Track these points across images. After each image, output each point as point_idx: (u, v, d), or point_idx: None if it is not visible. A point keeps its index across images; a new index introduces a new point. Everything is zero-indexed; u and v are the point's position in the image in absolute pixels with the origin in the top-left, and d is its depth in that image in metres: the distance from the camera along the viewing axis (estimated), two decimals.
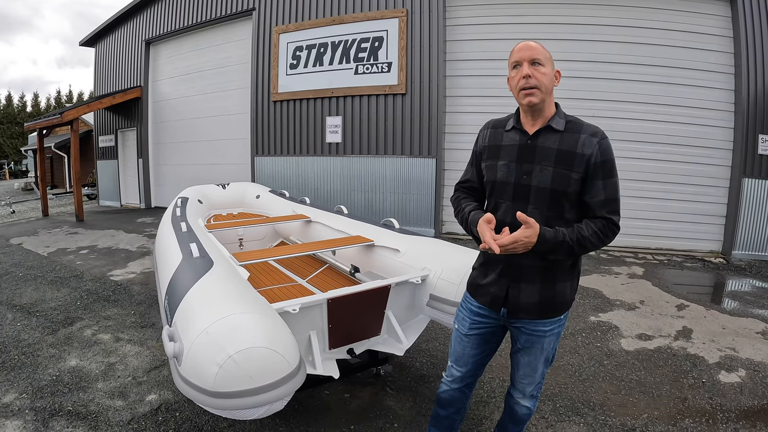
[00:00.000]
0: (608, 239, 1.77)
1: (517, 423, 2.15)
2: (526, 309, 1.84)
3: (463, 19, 7.93)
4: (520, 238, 1.64)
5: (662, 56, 7.17)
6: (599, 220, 1.75)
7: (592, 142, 1.73)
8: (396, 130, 8.34)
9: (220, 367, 1.69)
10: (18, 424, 2.71)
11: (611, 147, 1.77)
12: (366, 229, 3.83)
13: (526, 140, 1.81)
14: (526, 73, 1.72)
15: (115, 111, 13.11)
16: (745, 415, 2.86)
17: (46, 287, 5.35)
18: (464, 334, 2.04)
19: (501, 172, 1.84)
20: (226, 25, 10.76)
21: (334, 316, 2.56)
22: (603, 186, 1.75)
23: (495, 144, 1.90)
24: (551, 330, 1.90)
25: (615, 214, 1.76)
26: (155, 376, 3.29)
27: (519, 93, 1.76)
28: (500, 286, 1.87)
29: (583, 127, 1.78)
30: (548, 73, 1.74)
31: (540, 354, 1.94)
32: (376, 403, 2.95)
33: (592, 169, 1.73)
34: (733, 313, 4.63)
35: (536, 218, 1.70)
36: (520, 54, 1.74)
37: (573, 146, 1.74)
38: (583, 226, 1.75)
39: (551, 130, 1.78)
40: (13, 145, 42.46)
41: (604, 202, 1.75)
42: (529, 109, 1.78)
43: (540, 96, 1.73)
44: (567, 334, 4.07)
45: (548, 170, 1.74)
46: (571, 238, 1.71)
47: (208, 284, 2.27)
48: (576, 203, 1.79)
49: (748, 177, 6.96)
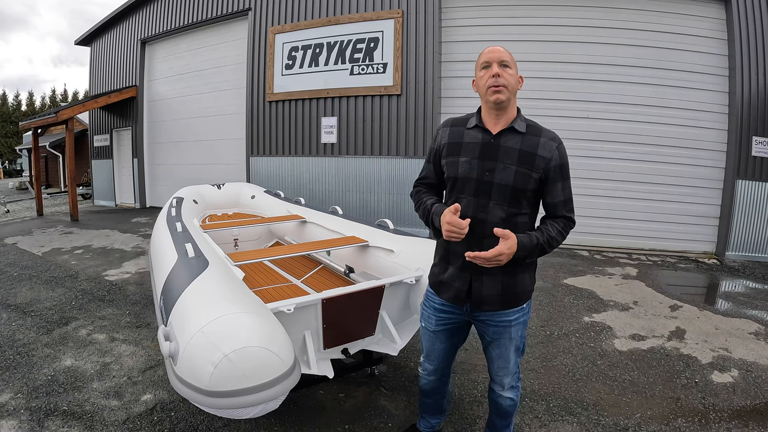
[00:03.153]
0: (567, 235, 1.93)
1: (504, 416, 2.22)
2: (489, 301, 1.93)
3: (458, 20, 7.95)
4: (503, 251, 1.74)
5: (657, 58, 7.21)
6: (561, 220, 1.92)
7: (551, 146, 1.88)
8: (391, 130, 8.35)
9: (216, 366, 1.70)
10: (13, 424, 2.70)
11: (566, 151, 1.95)
12: (360, 229, 3.85)
13: (489, 139, 1.90)
14: (495, 72, 1.82)
15: (111, 110, 13.07)
16: (738, 414, 2.89)
17: (40, 287, 5.34)
18: (431, 330, 2.15)
19: (463, 168, 1.92)
20: (222, 25, 10.75)
21: (328, 316, 2.57)
22: (562, 187, 1.91)
23: (456, 141, 1.98)
24: (516, 319, 1.99)
25: (572, 212, 1.95)
26: (150, 375, 3.29)
27: (487, 91, 1.85)
28: (463, 280, 1.95)
29: (543, 131, 1.91)
30: (514, 75, 1.87)
31: (509, 344, 2.02)
32: (370, 403, 2.96)
33: (552, 171, 1.88)
34: (726, 314, 4.66)
35: (498, 213, 1.86)
36: (490, 56, 1.86)
37: (534, 148, 1.86)
38: (548, 227, 1.89)
39: (514, 131, 1.89)
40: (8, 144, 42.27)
41: (564, 203, 1.92)
42: (495, 106, 1.87)
43: (507, 95, 1.84)
44: (560, 334, 4.09)
45: (511, 168, 1.85)
46: (543, 240, 1.84)
47: (204, 284, 2.28)
48: (531, 201, 1.93)
49: (741, 178, 7.00)
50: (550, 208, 1.93)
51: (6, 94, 46.28)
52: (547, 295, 5.12)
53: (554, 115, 7.44)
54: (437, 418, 2.49)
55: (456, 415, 2.83)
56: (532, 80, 7.54)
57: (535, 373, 3.39)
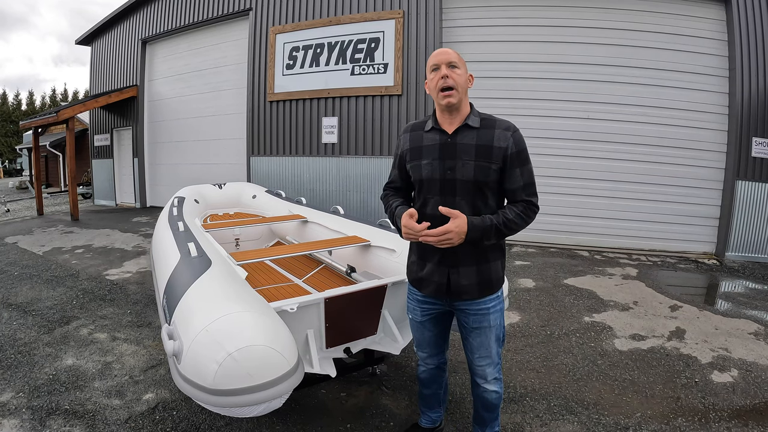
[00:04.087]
0: (530, 219, 1.97)
1: (490, 410, 2.26)
2: (467, 290, 2.02)
3: (459, 21, 7.97)
4: (450, 229, 1.82)
5: (657, 59, 7.23)
6: (520, 204, 1.96)
7: (506, 135, 1.94)
8: (392, 131, 8.36)
9: (220, 365, 1.71)
10: (15, 423, 2.71)
11: (523, 138, 1.99)
12: (362, 229, 3.85)
13: (446, 138, 1.99)
14: (444, 74, 1.91)
15: (111, 110, 13.07)
16: (738, 414, 2.90)
17: (41, 286, 5.34)
18: (418, 321, 2.25)
19: (425, 170, 2.01)
20: (223, 25, 10.76)
21: (331, 315, 2.58)
22: (521, 173, 1.95)
23: (416, 146, 2.07)
24: (494, 306, 2.08)
25: (533, 196, 1.98)
26: (152, 375, 3.30)
27: (438, 94, 1.94)
28: (441, 274, 2.04)
29: (497, 122, 1.98)
30: (463, 75, 1.95)
31: (490, 332, 2.10)
32: (372, 402, 2.96)
33: (509, 159, 1.93)
34: (726, 314, 4.67)
35: (464, 208, 1.92)
36: (438, 58, 1.95)
37: (489, 140, 1.93)
38: (506, 210, 1.95)
39: (468, 127, 1.97)
40: (8, 144, 42.25)
41: (523, 188, 1.96)
42: (447, 108, 1.96)
43: (457, 96, 1.92)
44: (561, 334, 4.10)
45: (470, 164, 1.93)
46: (498, 221, 1.90)
47: (207, 283, 2.29)
48: (496, 191, 1.99)
49: (741, 179, 7.01)
50: (510, 194, 1.99)
51: (6, 94, 46.23)
52: (547, 295, 5.12)
53: (555, 116, 7.46)
54: (437, 411, 2.53)
55: (457, 414, 2.84)
56: (533, 80, 7.56)
57: (535, 373, 3.40)
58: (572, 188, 7.59)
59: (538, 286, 5.48)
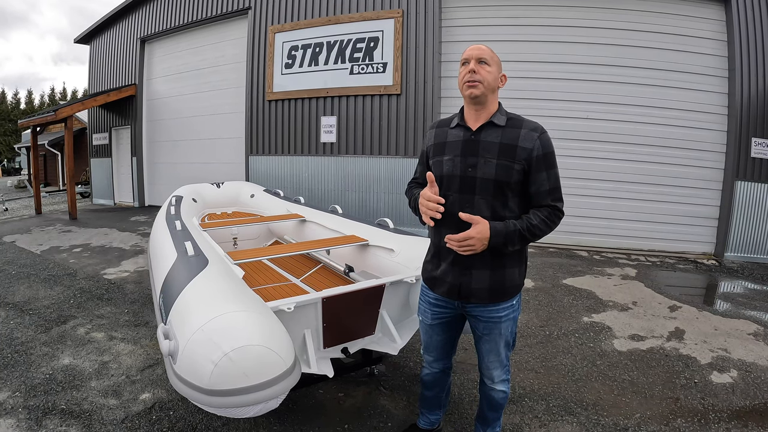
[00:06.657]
0: (554, 224, 1.92)
1: (495, 409, 2.25)
2: (477, 294, 1.97)
3: (458, 20, 7.94)
4: (472, 235, 1.80)
5: (657, 59, 7.21)
6: (545, 209, 1.91)
7: (532, 136, 1.88)
8: (391, 130, 8.34)
9: (216, 364, 1.70)
10: (11, 422, 2.69)
11: (551, 140, 1.93)
12: (360, 228, 3.84)
13: (470, 135, 1.95)
14: (471, 68, 1.89)
15: (110, 109, 13.03)
16: (737, 415, 2.89)
17: (39, 285, 5.32)
18: (428, 324, 2.21)
19: (447, 166, 1.97)
20: (222, 24, 10.73)
21: (328, 315, 2.57)
22: (547, 177, 1.89)
23: (440, 142, 2.05)
24: (506, 315, 2.02)
25: (559, 201, 1.93)
26: (149, 374, 3.28)
27: (463, 86, 1.92)
28: (454, 275, 1.99)
29: (524, 122, 1.93)
30: (493, 72, 1.92)
31: (499, 339, 2.06)
32: (369, 403, 2.95)
33: (535, 161, 1.87)
34: (725, 315, 4.66)
35: (483, 207, 1.88)
36: (469, 53, 1.94)
37: (514, 140, 1.88)
38: (530, 215, 1.89)
39: (493, 125, 1.93)
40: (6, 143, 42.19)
41: (548, 192, 1.90)
42: (472, 101, 1.93)
43: (481, 89, 1.89)
44: (560, 334, 4.09)
45: (492, 162, 1.88)
46: (521, 227, 1.85)
47: (204, 282, 2.27)
48: (518, 192, 1.92)
49: (740, 180, 7.01)
50: (535, 198, 1.92)
51: (5, 92, 46.16)
52: (546, 296, 5.11)
53: (554, 116, 7.44)
54: (436, 414, 2.51)
55: (456, 414, 2.83)
56: (533, 80, 7.54)
57: (534, 373, 3.39)
58: (572, 188, 7.57)
59: (537, 286, 5.47)
